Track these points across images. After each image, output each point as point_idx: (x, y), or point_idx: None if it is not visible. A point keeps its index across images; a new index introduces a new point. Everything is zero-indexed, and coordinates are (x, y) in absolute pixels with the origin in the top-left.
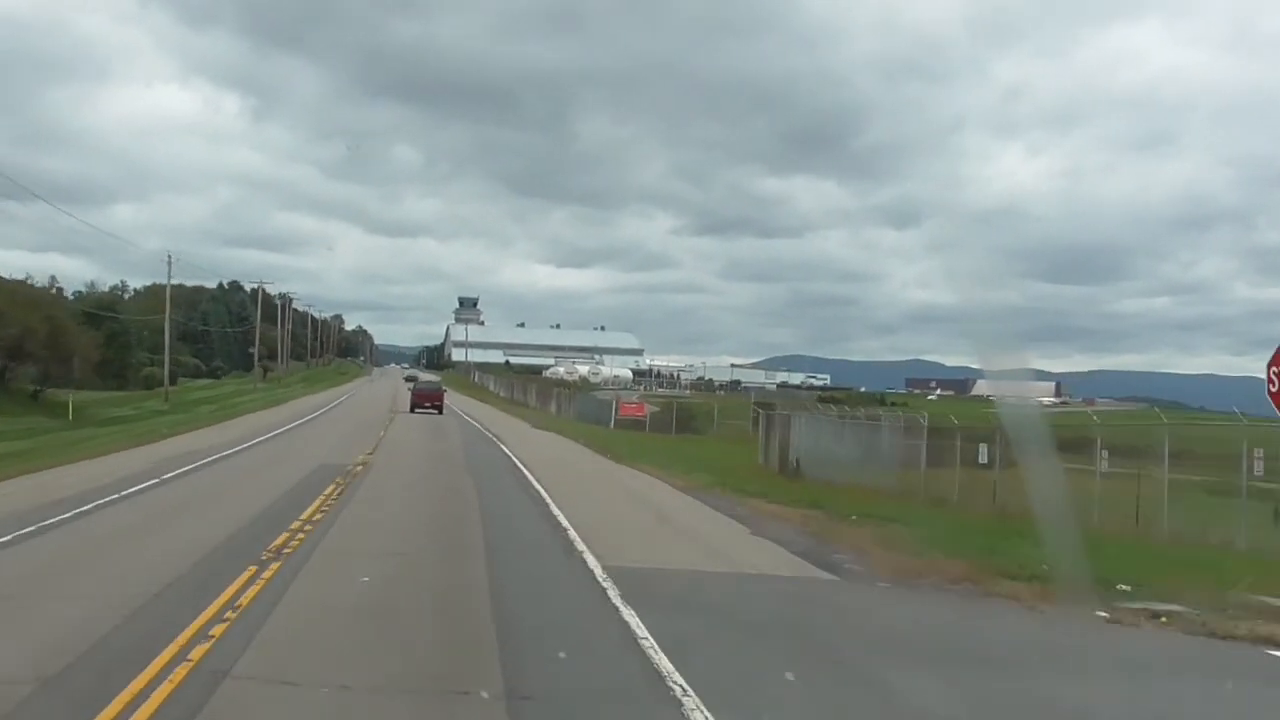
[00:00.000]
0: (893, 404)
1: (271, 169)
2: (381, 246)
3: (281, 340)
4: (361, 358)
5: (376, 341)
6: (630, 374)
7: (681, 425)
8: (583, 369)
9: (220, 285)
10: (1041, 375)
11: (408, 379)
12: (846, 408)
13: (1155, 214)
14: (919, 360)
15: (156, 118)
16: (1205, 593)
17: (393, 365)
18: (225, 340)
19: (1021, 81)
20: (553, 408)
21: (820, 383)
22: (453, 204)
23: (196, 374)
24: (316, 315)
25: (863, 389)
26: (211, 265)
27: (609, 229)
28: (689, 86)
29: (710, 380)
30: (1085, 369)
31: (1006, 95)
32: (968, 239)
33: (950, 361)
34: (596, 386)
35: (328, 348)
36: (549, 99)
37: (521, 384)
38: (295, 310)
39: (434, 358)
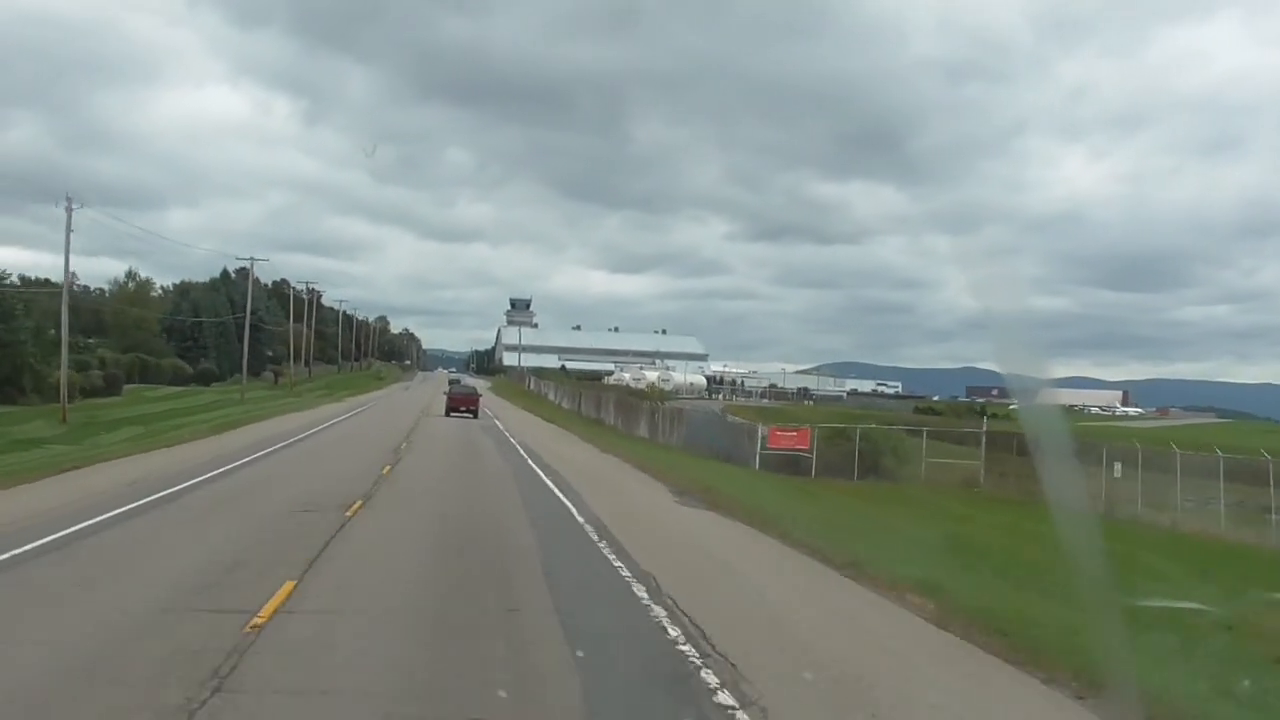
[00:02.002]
0: (993, 414)
1: (323, 173)
2: (434, 252)
3: (298, 339)
4: (407, 361)
5: (426, 346)
6: (704, 381)
7: (865, 467)
8: (650, 375)
9: (225, 273)
10: (1098, 384)
11: (451, 382)
12: None
13: (1217, 220)
14: (972, 368)
15: (207, 120)
16: None
17: (440, 369)
18: (226, 339)
19: (1086, 82)
20: (643, 429)
21: (891, 391)
22: (505, 208)
23: (179, 379)
24: (350, 313)
25: (935, 398)
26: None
27: (663, 234)
28: (744, 89)
29: (779, 388)
30: (1141, 377)
31: (1070, 97)
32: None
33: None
34: (669, 395)
35: (367, 350)
36: (602, 101)
37: (594, 395)
38: (329, 309)
39: (484, 362)
